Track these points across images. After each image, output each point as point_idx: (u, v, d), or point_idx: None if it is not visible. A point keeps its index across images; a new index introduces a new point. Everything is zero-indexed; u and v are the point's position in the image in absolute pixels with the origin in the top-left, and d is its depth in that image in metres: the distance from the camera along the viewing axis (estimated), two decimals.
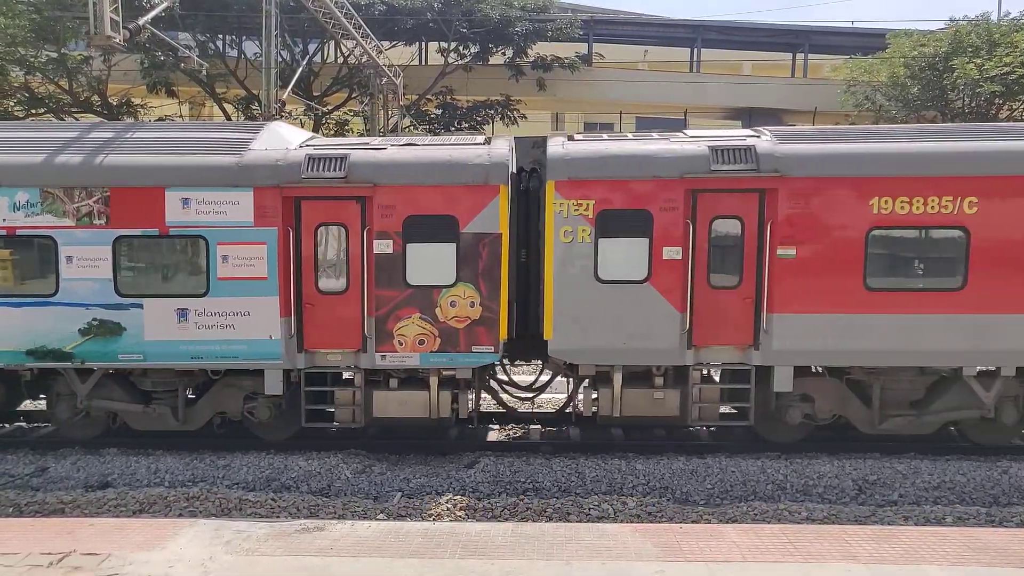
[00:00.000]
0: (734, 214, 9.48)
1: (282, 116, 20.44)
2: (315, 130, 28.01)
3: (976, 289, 9.27)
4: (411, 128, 29.74)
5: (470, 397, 10.23)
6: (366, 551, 6.69)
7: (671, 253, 9.44)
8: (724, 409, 10.19)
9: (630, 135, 10.77)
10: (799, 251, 9.35)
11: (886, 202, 9.23)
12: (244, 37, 28.26)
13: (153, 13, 14.29)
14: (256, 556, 6.61)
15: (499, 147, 9.79)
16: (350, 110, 29.88)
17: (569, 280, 9.52)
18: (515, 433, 11.52)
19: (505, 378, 11.09)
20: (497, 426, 11.68)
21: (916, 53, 25.54)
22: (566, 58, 31.06)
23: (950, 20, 26.39)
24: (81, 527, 7.34)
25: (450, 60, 29.92)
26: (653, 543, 6.76)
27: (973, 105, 25.65)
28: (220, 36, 28.25)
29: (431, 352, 9.70)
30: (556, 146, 9.75)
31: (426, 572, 6.27)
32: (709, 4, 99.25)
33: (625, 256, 9.49)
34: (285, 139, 10.13)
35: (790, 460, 9.80)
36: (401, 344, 9.70)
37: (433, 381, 9.92)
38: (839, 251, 9.30)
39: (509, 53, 30.09)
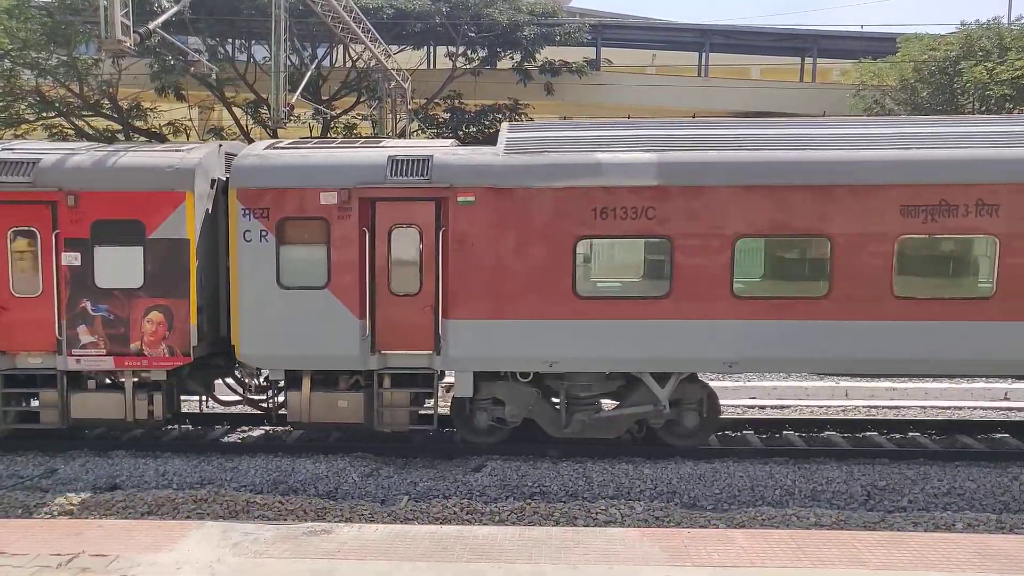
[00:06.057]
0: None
1: (291, 120, 20.53)
2: (323, 134, 28.08)
3: None
4: (419, 132, 29.80)
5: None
6: (373, 554, 6.69)
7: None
8: None
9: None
10: None
11: None
12: (253, 41, 28.33)
13: (163, 17, 14.33)
14: (263, 558, 6.62)
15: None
16: (359, 114, 29.93)
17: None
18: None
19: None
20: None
21: (926, 57, 25.45)
22: (574, 62, 31.04)
23: (961, 24, 26.27)
24: (89, 528, 7.37)
25: (458, 64, 29.96)
26: (661, 548, 6.74)
27: (983, 109, 25.53)
28: (230, 40, 28.35)
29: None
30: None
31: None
32: (717, 8, 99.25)
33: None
34: None
35: (798, 465, 9.76)
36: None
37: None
38: None
39: (517, 57, 30.10)
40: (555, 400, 10.18)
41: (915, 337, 9.21)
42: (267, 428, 11.64)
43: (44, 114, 26.16)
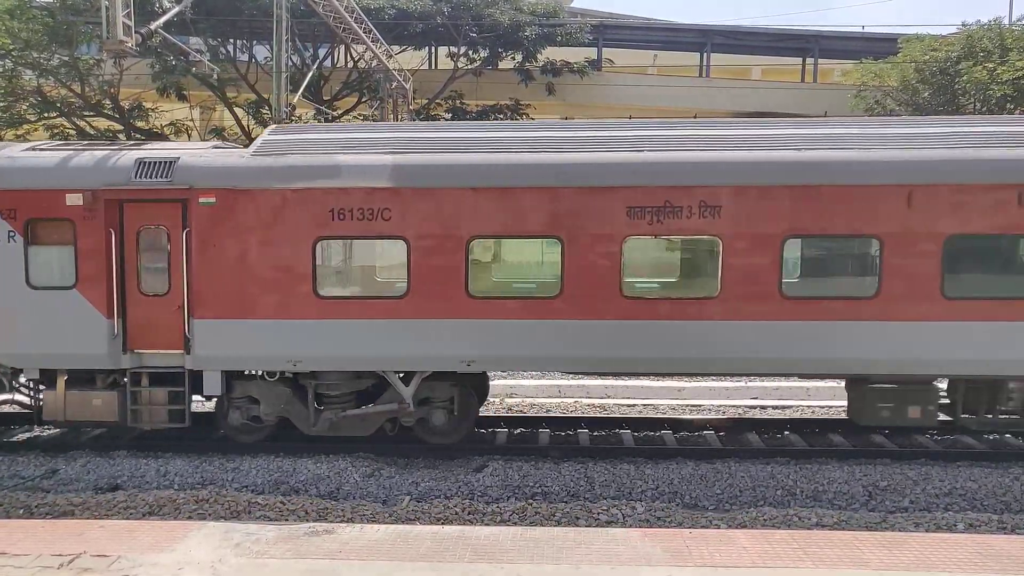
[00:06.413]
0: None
1: (292, 120, 20.55)
2: None
3: None
4: None
5: None
6: (375, 554, 6.68)
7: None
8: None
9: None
10: None
11: None
12: (255, 41, 28.38)
13: (165, 18, 14.38)
14: (265, 559, 6.62)
15: None
16: (360, 114, 29.96)
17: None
18: None
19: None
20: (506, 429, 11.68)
21: (927, 57, 25.43)
22: (575, 63, 31.06)
23: (962, 24, 26.23)
24: (91, 529, 7.36)
25: (460, 65, 29.98)
26: (663, 548, 6.74)
27: (984, 110, 25.50)
28: (231, 40, 28.40)
29: None
30: None
31: None
32: (718, 9, 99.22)
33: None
34: None
35: (800, 465, 9.76)
36: None
37: None
38: None
39: (519, 58, 30.12)
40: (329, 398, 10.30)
41: (643, 336, 9.30)
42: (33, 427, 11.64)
43: (46, 114, 26.19)
